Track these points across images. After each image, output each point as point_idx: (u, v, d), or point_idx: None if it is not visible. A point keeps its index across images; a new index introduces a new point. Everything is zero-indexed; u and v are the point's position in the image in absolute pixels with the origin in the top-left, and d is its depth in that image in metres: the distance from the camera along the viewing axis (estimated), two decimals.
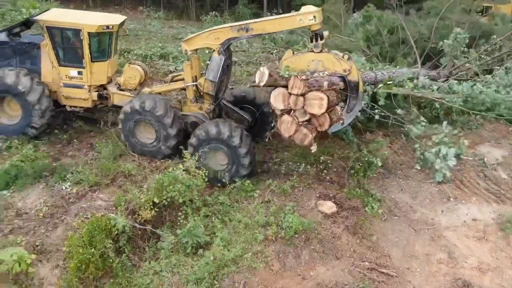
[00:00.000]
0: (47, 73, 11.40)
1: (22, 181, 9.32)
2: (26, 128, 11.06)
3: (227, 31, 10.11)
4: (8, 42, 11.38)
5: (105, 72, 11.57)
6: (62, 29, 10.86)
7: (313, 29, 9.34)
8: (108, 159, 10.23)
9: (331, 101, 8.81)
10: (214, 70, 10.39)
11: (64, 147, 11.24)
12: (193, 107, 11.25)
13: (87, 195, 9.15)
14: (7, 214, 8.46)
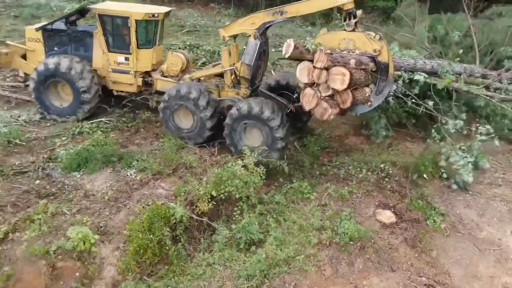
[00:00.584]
0: (97, 60, 12.18)
1: (92, 164, 9.84)
2: (76, 110, 11.92)
3: (263, 15, 10.44)
4: (65, 30, 12.27)
5: (150, 59, 12.18)
6: (112, 17, 11.60)
7: (346, 8, 9.47)
8: (171, 150, 10.55)
9: (356, 79, 8.87)
10: (250, 54, 10.66)
11: (132, 136, 11.76)
12: (230, 92, 11.56)
13: (149, 183, 9.50)
14: (77, 194, 8.98)
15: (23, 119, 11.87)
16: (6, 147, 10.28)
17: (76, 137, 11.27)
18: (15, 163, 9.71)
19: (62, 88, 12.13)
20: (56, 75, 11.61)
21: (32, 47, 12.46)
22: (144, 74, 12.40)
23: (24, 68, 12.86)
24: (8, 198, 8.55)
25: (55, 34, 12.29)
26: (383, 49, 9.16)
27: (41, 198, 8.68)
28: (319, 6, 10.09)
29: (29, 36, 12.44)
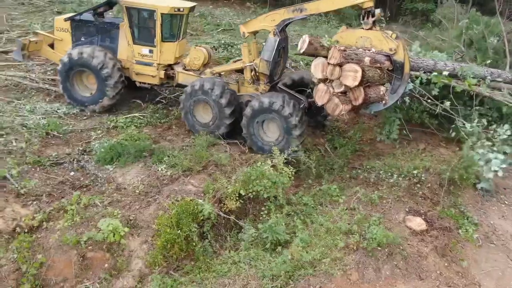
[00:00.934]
0: (122, 51, 12.54)
1: (125, 158, 10.06)
2: (100, 99, 12.25)
3: (283, 12, 10.63)
4: (93, 21, 12.66)
5: (173, 52, 12.44)
6: (139, 10, 11.92)
7: (365, 7, 9.56)
8: (202, 147, 10.65)
9: (369, 76, 9.17)
10: (269, 50, 10.89)
11: (164, 131, 11.96)
12: (250, 88, 11.75)
13: (179, 179, 9.63)
14: (109, 187, 9.22)
15: (62, 111, 12.26)
16: (44, 138, 10.68)
17: (110, 131, 11.57)
18: (52, 154, 10.06)
19: (87, 78, 12.54)
20: (80, 65, 12.01)
21: (60, 37, 12.95)
22: (166, 66, 12.68)
23: (51, 56, 13.42)
24: (44, 188, 8.86)
25: (83, 25, 12.71)
26: (399, 48, 9.24)
27: (75, 189, 8.96)
28: (338, 3, 10.19)
29: (58, 26, 12.92)
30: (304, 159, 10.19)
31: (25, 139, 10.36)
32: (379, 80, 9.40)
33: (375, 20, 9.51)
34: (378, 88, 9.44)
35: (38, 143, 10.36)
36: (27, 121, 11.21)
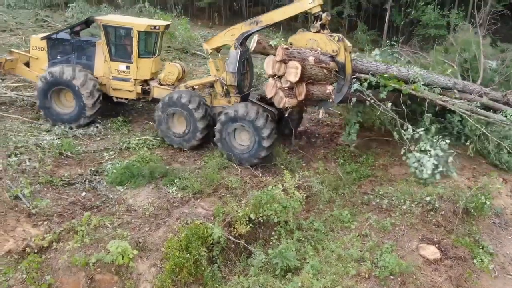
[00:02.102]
0: (99, 68, 12.98)
1: (136, 180, 10.10)
2: (79, 117, 12.57)
3: (240, 26, 11.48)
4: (69, 40, 13.09)
5: (150, 68, 13.06)
6: (116, 28, 12.49)
7: (314, 12, 10.49)
8: (213, 170, 10.66)
9: (313, 74, 10.14)
10: (233, 62, 11.55)
11: (176, 153, 12.00)
12: (222, 101, 12.37)
13: (190, 201, 9.60)
14: (119, 208, 9.22)
15: (76, 132, 12.41)
16: (58, 158, 10.78)
17: (123, 152, 11.65)
18: (64, 175, 10.14)
19: (65, 96, 12.80)
20: (60, 83, 12.29)
21: (35, 55, 13.28)
22: (143, 82, 13.19)
23: (26, 75, 13.71)
24: (55, 208, 8.90)
25: (59, 43, 13.11)
26: (341, 50, 10.01)
27: (85, 210, 8.97)
28: (289, 12, 11.07)
29: (34, 44, 13.27)
30: (315, 183, 10.12)
31: (39, 159, 10.47)
32: (325, 79, 10.27)
33: (322, 24, 10.44)
34: (325, 87, 10.27)
35: (51, 163, 10.46)
36: (41, 141, 11.36)
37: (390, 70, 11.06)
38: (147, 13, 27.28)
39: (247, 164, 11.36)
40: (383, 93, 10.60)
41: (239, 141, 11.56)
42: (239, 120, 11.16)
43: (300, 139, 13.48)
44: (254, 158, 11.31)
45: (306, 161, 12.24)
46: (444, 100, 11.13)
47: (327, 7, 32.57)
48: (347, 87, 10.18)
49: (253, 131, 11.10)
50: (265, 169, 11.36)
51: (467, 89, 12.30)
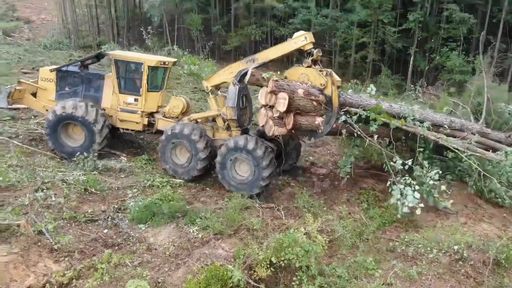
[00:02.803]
0: (107, 100, 13.53)
1: (158, 218, 10.11)
2: (87, 150, 12.84)
3: (238, 64, 12.30)
4: (79, 72, 13.65)
5: (157, 101, 13.75)
6: (127, 62, 13.16)
7: (306, 49, 11.42)
8: (234, 210, 10.59)
9: (301, 105, 10.78)
10: (232, 98, 12.18)
11: (198, 193, 12.02)
12: (223, 134, 13.02)
13: (210, 242, 9.49)
14: (140, 247, 9.18)
15: (101, 168, 12.61)
16: (83, 194, 10.92)
17: (146, 190, 11.73)
18: (88, 211, 10.22)
19: (73, 129, 13.19)
20: (72, 118, 12.70)
21: (44, 86, 13.76)
22: (148, 114, 13.72)
23: (33, 105, 14.08)
24: (77, 244, 8.92)
25: (68, 75, 13.63)
26: (328, 84, 10.78)
27: (107, 247, 8.98)
28: (283, 50, 11.89)
29: (43, 76, 13.78)
30: (338, 228, 9.91)
31: (64, 195, 10.63)
32: (315, 110, 10.91)
33: (314, 59, 11.26)
34: (314, 118, 10.94)
35: (76, 199, 10.59)
36: (68, 176, 11.57)
37: (382, 106, 11.46)
38: (176, 55, 28.18)
39: (246, 193, 11.69)
40: (373, 126, 10.96)
41: (239, 171, 12.03)
42: (239, 151, 11.69)
43: (322, 182, 13.36)
44: (254, 188, 11.78)
45: (329, 204, 12.07)
46: (437, 136, 11.58)
47: (351, 52, 33.13)
48: (334, 119, 10.82)
49: (252, 161, 11.63)
50: (287, 211, 11.23)
51: (465, 128, 12.69)
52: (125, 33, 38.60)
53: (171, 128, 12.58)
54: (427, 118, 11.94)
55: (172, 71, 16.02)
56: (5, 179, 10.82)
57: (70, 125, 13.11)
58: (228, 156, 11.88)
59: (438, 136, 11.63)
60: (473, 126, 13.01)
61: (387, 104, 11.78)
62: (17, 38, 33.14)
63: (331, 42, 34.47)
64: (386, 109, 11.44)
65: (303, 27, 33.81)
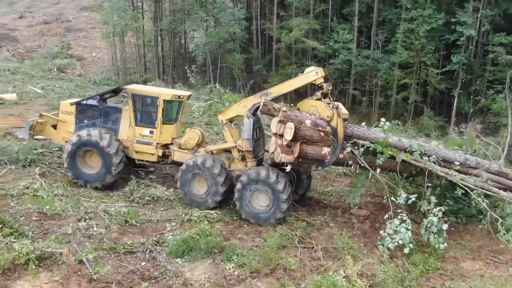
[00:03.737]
0: (123, 132, 13.96)
1: (195, 253, 10.08)
2: (105, 176, 13.30)
3: (252, 99, 12.89)
4: (97, 106, 14.24)
5: (171, 133, 14.09)
6: (143, 96, 13.73)
7: (317, 83, 12.01)
8: (271, 249, 10.43)
9: (307, 135, 11.34)
10: (247, 130, 12.71)
11: (236, 229, 11.96)
12: (239, 165, 13.39)
13: (246, 280, 9.34)
14: (176, 281, 9.14)
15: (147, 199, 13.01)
16: (123, 225, 11.12)
17: (184, 224, 11.79)
18: (127, 242, 10.34)
19: (90, 158, 13.57)
20: (88, 144, 13.12)
21: (64, 119, 14.34)
22: (163, 146, 14.04)
23: (53, 137, 14.66)
24: (115, 275, 9.00)
25: (87, 109, 14.20)
26: (334, 116, 11.41)
27: (143, 280, 8.99)
28: (296, 84, 12.66)
29: (63, 109, 14.40)
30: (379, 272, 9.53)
31: (105, 225, 10.87)
32: (321, 141, 11.42)
33: (324, 93, 11.84)
34: (321, 148, 11.43)
35: (117, 230, 10.79)
36: (110, 207, 11.85)
37: (390, 139, 11.87)
38: (217, 93, 28.91)
39: (264, 223, 12.15)
40: (380, 159, 11.40)
41: (258, 202, 12.31)
42: (260, 183, 12.10)
43: (362, 223, 13.00)
44: (270, 219, 12.13)
45: (369, 247, 11.66)
46: (446, 172, 11.65)
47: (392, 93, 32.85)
48: (339, 150, 11.37)
49: (272, 194, 12.01)
50: (325, 252, 10.93)
51: (480, 166, 12.41)
52: (170, 71, 40.10)
53: (192, 159, 12.95)
54: (438, 154, 12.07)
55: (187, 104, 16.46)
56: (51, 208, 11.23)
57: (88, 154, 13.55)
58: (248, 187, 12.21)
59: (448, 172, 11.67)
60: (490, 164, 12.65)
61: (396, 138, 12.14)
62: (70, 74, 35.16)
63: (371, 83, 34.43)
64: (395, 143, 11.83)
65: (343, 67, 34.14)
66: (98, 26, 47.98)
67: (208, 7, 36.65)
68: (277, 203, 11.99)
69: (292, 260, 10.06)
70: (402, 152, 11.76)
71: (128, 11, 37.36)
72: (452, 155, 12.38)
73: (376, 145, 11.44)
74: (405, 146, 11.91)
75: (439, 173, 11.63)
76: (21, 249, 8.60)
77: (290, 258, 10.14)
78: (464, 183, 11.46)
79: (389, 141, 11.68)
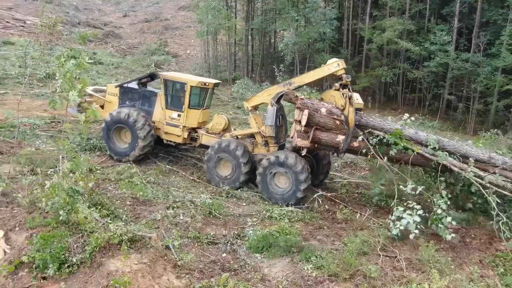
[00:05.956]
0: (157, 114, 15.31)
1: (274, 250, 10.19)
2: (131, 153, 14.63)
3: (276, 87, 13.79)
4: (137, 89, 15.73)
5: (197, 118, 15.17)
6: (174, 82, 14.92)
7: (338, 74, 12.73)
8: (351, 254, 10.21)
9: (322, 122, 12.27)
10: (270, 117, 13.69)
11: (316, 230, 11.87)
12: (262, 149, 14.37)
13: (324, 283, 9.24)
14: (254, 276, 9.31)
15: (226, 195, 13.34)
16: (207, 217, 11.57)
17: (265, 220, 11.96)
18: (210, 233, 10.76)
19: (124, 134, 15.02)
20: (123, 122, 14.48)
21: (109, 99, 15.92)
22: (190, 129, 15.20)
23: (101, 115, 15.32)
24: (197, 264, 9.41)
25: (129, 91, 15.72)
26: (346, 105, 12.15)
27: (224, 271, 9.28)
28: (318, 75, 13.45)
29: (109, 91, 15.93)
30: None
31: (191, 215, 11.38)
32: (336, 129, 12.24)
33: (342, 84, 12.50)
34: (336, 135, 12.28)
35: (201, 220, 11.25)
36: (196, 198, 12.39)
37: (406, 132, 12.29)
38: (304, 92, 28.78)
39: (284, 203, 13.01)
40: (393, 150, 11.98)
41: (278, 184, 13.29)
42: (280, 165, 12.99)
43: None
44: (291, 199, 13.00)
45: (458, 263, 10.93)
46: (458, 166, 11.76)
47: (493, 99, 30.39)
48: (350, 138, 12.14)
49: (291, 175, 12.87)
50: (409, 263, 10.45)
51: (508, 166, 12.12)
52: (259, 70, 40.75)
53: (218, 143, 14.01)
54: (459, 151, 12.16)
55: None
56: (143, 194, 12.01)
57: (123, 130, 14.92)
58: (269, 170, 13.13)
59: (462, 167, 11.78)
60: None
61: (412, 131, 12.48)
62: (165, 70, 37.14)
63: (469, 88, 32.11)
64: (411, 136, 12.26)
65: (439, 70, 32.25)
66: (193, 25, 50.16)
67: (299, 6, 36.65)
68: (296, 184, 12.87)
69: (373, 267, 9.76)
70: (418, 145, 12.11)
71: (222, 11, 38.56)
72: (474, 152, 12.29)
73: (390, 137, 11.97)
74: (421, 139, 12.22)
75: (453, 168, 11.82)
76: (116, 230, 9.31)
77: (370, 266, 9.85)
78: (477, 180, 11.57)
79: (403, 132, 12.11)
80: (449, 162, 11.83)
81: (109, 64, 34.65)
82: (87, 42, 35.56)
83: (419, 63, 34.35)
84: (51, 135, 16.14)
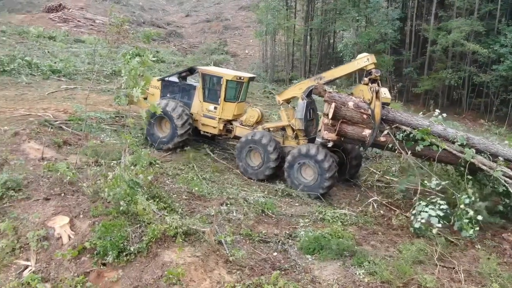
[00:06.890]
0: (195, 106, 16.02)
1: (325, 252, 10.07)
2: (169, 142, 15.36)
3: (307, 82, 14.19)
4: (177, 82, 16.43)
5: (232, 110, 15.72)
6: (211, 76, 15.58)
7: (368, 69, 12.96)
8: (406, 262, 9.89)
9: (348, 115, 12.61)
10: (300, 110, 13.95)
11: (369, 235, 11.62)
12: (292, 142, 14.79)
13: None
14: (305, 277, 9.26)
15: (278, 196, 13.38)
16: (259, 215, 11.66)
17: (317, 222, 11.87)
18: (262, 231, 10.83)
19: (165, 124, 15.68)
20: (163, 113, 14.57)
21: (152, 92, 16.49)
22: (226, 121, 15.82)
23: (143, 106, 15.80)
24: (248, 260, 9.49)
25: (169, 84, 16.41)
26: (373, 100, 12.33)
27: (274, 270, 9.29)
28: (348, 69, 13.89)
29: (152, 84, 16.24)
30: None
31: (244, 212, 11.51)
32: (363, 123, 12.52)
33: (372, 79, 12.69)
34: (362, 129, 12.59)
35: (253, 218, 11.36)
36: (249, 196, 12.53)
37: (434, 128, 12.40)
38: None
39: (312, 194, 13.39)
40: (420, 145, 12.13)
41: (304, 175, 13.70)
42: (308, 158, 13.31)
43: None
44: (318, 189, 13.36)
45: None
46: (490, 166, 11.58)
47: None
48: (376, 132, 12.37)
49: (318, 170, 13.20)
50: (468, 275, 9.96)
51: None
52: (316, 70, 40.41)
53: (251, 134, 14.55)
54: (489, 149, 12.00)
55: None
56: (199, 189, 12.32)
57: (164, 120, 15.51)
58: (297, 160, 13.52)
59: (491, 165, 11.63)
60: None
61: (441, 128, 12.54)
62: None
63: None
64: (440, 132, 12.32)
65: (509, 74, 30.36)
66: (253, 24, 50.70)
67: (360, 6, 35.94)
68: (320, 179, 13.25)
69: (429, 277, 9.38)
70: (446, 141, 12.15)
71: (282, 11, 38.67)
72: (506, 151, 12.12)
73: (417, 132, 12.08)
74: (450, 136, 12.23)
75: (482, 166, 11.75)
76: (172, 223, 9.60)
77: (426, 275, 9.47)
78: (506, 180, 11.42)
79: (430, 129, 12.21)
80: (478, 160, 11.78)
81: (171, 62, 35.78)
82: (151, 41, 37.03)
83: (487, 66, 32.55)
84: (115, 129, 16.90)
